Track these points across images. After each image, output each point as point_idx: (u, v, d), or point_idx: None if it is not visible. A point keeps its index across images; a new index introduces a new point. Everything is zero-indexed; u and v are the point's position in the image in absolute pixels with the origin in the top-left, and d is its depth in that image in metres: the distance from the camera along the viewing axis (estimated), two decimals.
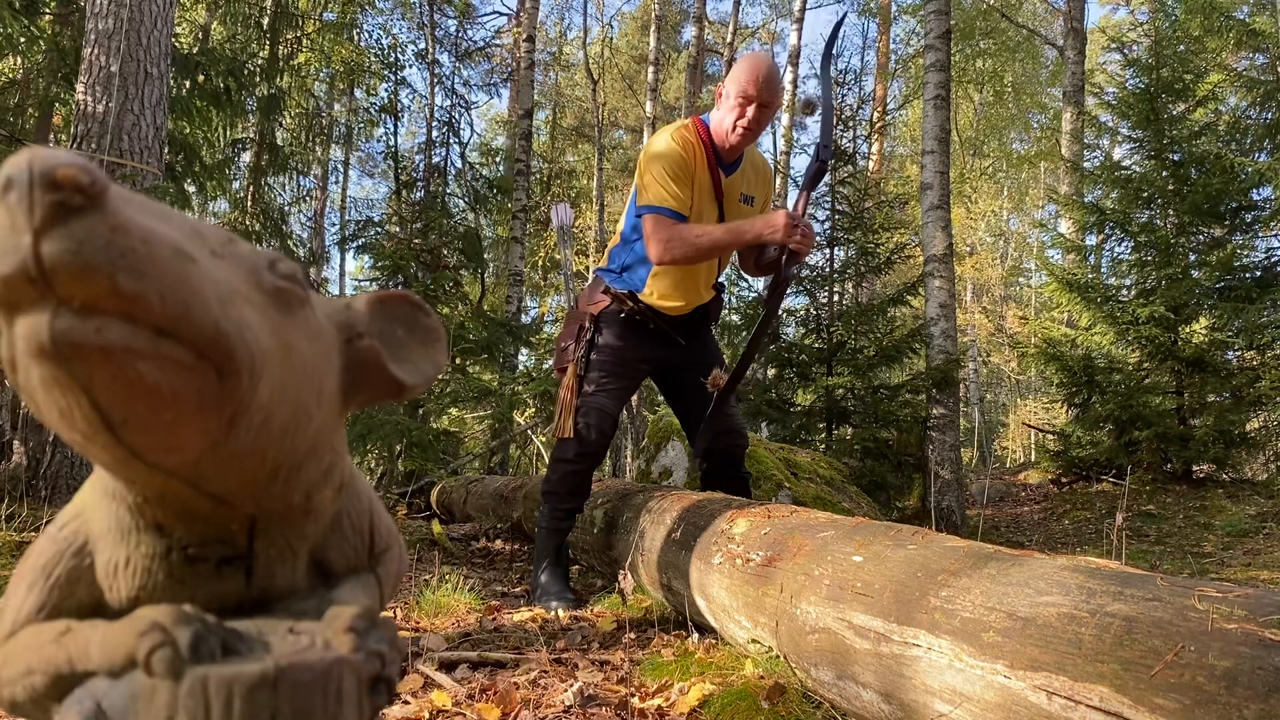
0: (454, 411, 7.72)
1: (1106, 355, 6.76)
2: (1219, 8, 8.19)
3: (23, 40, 6.16)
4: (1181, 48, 7.19)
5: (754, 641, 1.60)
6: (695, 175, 2.36)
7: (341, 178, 17.22)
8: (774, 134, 16.33)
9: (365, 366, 0.51)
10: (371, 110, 9.12)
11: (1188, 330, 6.31)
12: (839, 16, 2.47)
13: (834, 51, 2.38)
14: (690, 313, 2.53)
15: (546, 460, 2.70)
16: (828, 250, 6.75)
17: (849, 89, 7.21)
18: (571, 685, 1.46)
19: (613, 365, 2.46)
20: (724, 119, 2.33)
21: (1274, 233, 6.65)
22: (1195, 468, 6.02)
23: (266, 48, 8.46)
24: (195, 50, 7.24)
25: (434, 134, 8.12)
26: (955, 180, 14.53)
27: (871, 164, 12.01)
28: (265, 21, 8.55)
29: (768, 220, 2.25)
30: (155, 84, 4.22)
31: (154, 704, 0.39)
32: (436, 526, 3.93)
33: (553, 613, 2.21)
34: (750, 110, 2.28)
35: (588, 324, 2.49)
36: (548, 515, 2.50)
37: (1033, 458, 11.25)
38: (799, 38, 14.09)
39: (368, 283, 9.01)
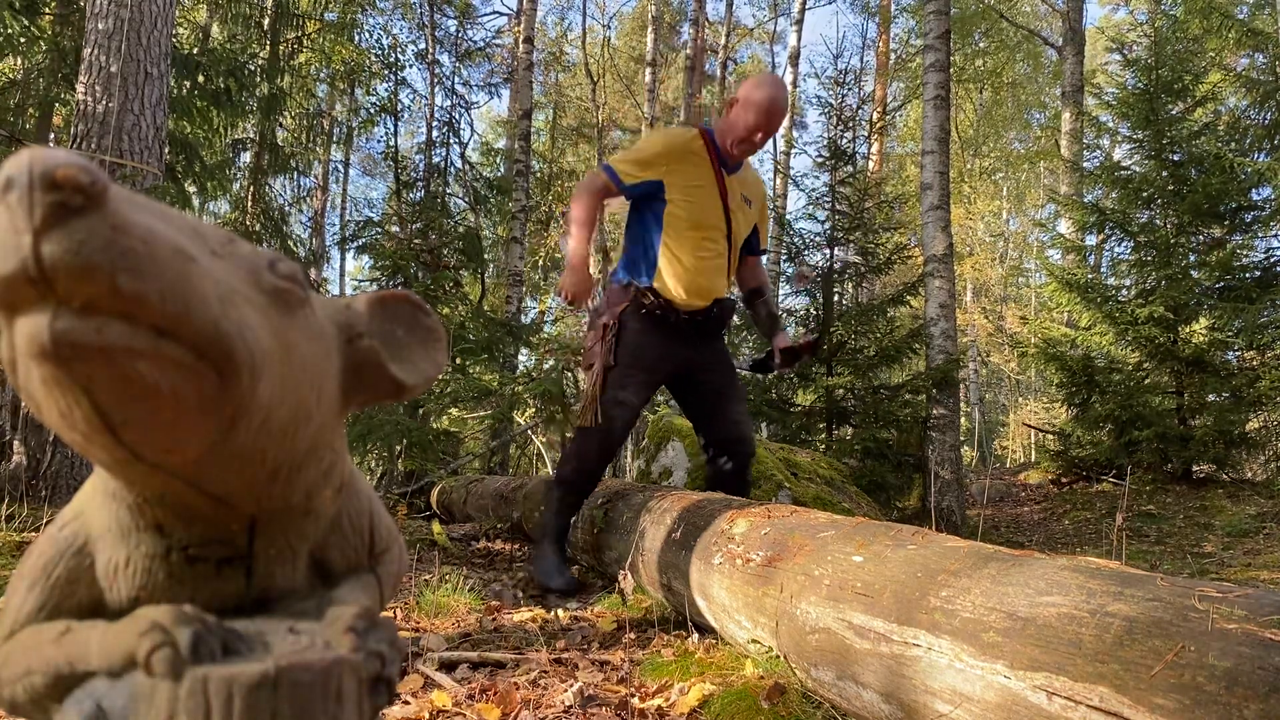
0: (454, 411, 7.72)
1: (1106, 355, 6.76)
2: (1219, 8, 8.19)
3: (23, 40, 6.15)
4: (1180, 47, 7.18)
5: (754, 641, 1.59)
6: (698, 166, 2.56)
7: (341, 178, 17.22)
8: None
9: (365, 366, 0.51)
10: (371, 110, 9.11)
11: (1188, 330, 6.31)
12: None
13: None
14: (706, 310, 2.63)
15: (547, 460, 2.84)
16: (828, 250, 6.75)
17: (849, 89, 7.20)
18: (571, 685, 1.46)
19: (636, 361, 2.56)
20: (736, 136, 2.52)
21: (1274, 233, 6.64)
22: (1195, 468, 6.02)
23: (267, 48, 8.45)
24: (195, 50, 7.24)
25: (434, 134, 8.12)
26: (954, 180, 14.53)
27: (871, 164, 12.02)
28: (265, 21, 8.55)
29: (568, 280, 2.54)
30: (155, 84, 4.22)
31: (154, 704, 0.39)
32: (436, 526, 3.93)
33: (553, 611, 2.21)
34: (758, 137, 2.52)
35: (612, 323, 2.60)
36: (556, 500, 2.60)
37: (1033, 458, 11.25)
38: (799, 39, 14.11)
39: (368, 283, 9.00)
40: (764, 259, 3.00)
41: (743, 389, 2.80)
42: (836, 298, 6.79)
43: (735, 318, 3.17)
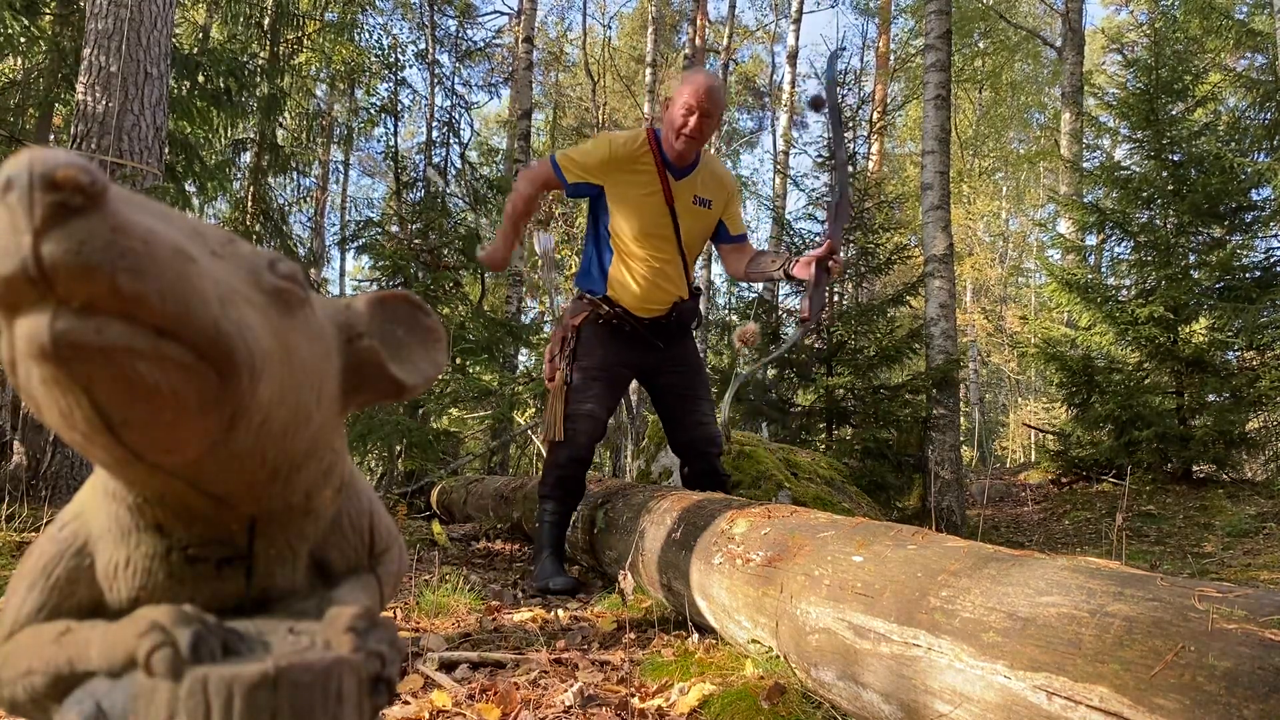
0: (454, 411, 7.72)
1: (1106, 355, 6.75)
2: (1218, 8, 8.19)
3: (23, 40, 6.15)
4: (1180, 48, 7.18)
5: (754, 642, 1.60)
6: (643, 174, 2.57)
7: (341, 178, 17.22)
8: (774, 134, 16.35)
9: (365, 367, 0.51)
10: (371, 110, 9.10)
11: (1188, 330, 6.30)
12: (832, 52, 2.65)
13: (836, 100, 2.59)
14: (664, 316, 2.68)
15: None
16: None
17: (849, 89, 7.21)
18: (571, 685, 1.46)
19: (596, 372, 2.63)
20: (670, 129, 2.52)
21: (1274, 233, 6.64)
22: (1195, 468, 6.02)
23: (267, 48, 8.45)
24: (195, 50, 7.24)
25: (434, 134, 8.12)
26: (954, 180, 14.52)
27: (871, 164, 12.01)
28: (265, 21, 8.55)
29: (490, 247, 2.70)
30: (155, 84, 4.22)
31: (154, 704, 0.39)
32: (436, 526, 3.93)
33: (553, 611, 2.21)
34: (693, 120, 2.46)
35: (570, 335, 2.68)
36: (548, 513, 2.68)
37: (1033, 458, 11.25)
38: (797, 38, 14.11)
39: (368, 283, 9.00)
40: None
41: (708, 389, 2.84)
42: (837, 298, 6.80)
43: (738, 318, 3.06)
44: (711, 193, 2.66)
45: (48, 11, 6.43)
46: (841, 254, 2.41)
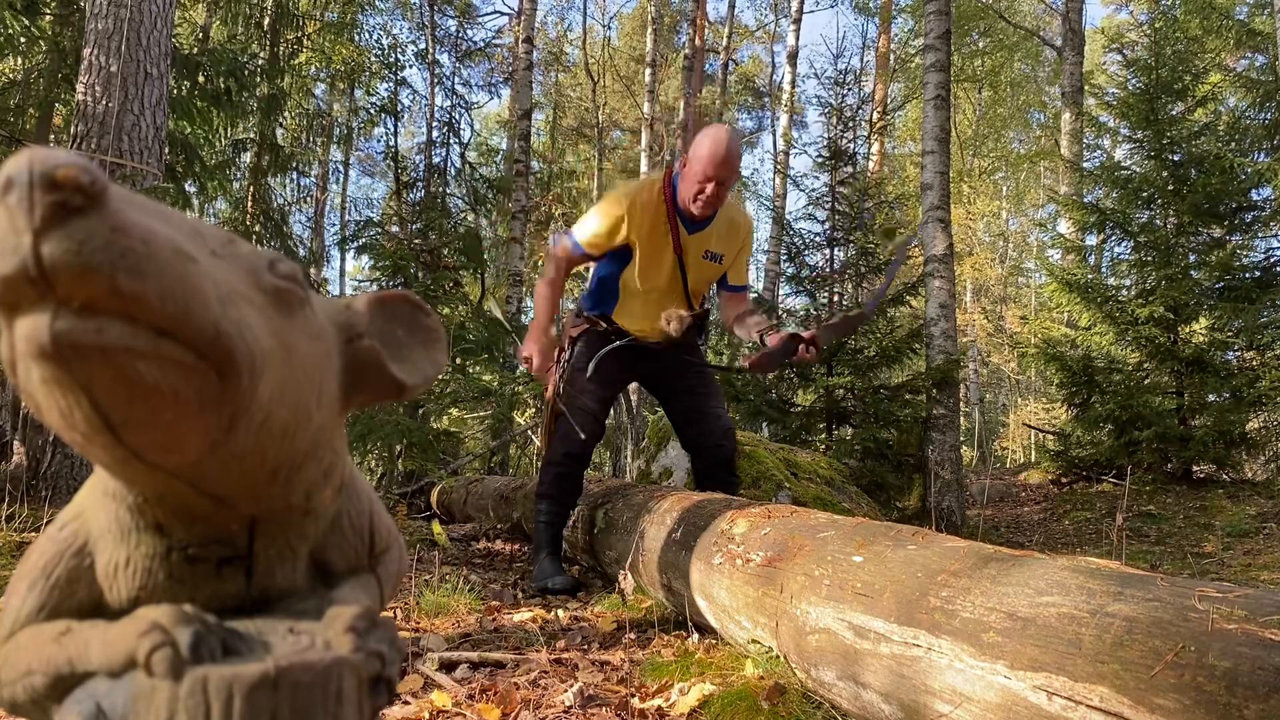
0: (454, 411, 7.71)
1: (1106, 355, 6.75)
2: (1218, 8, 8.19)
3: (23, 40, 6.16)
4: (1180, 48, 7.18)
5: (754, 642, 1.59)
6: (645, 226, 2.53)
7: (341, 178, 17.24)
8: (774, 134, 16.36)
9: (365, 367, 0.51)
10: (371, 110, 9.10)
11: (1188, 330, 6.30)
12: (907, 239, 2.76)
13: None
14: (663, 343, 2.69)
15: None
16: (827, 250, 6.75)
17: (849, 89, 7.20)
18: (571, 685, 1.46)
19: (593, 373, 2.64)
20: (687, 189, 2.50)
21: (1274, 233, 6.64)
22: (1195, 468, 6.01)
23: (267, 48, 8.46)
24: (195, 50, 7.24)
25: (434, 134, 8.12)
26: (954, 180, 14.52)
27: (871, 164, 12.01)
28: (265, 21, 8.55)
29: (532, 349, 2.58)
30: (155, 84, 4.22)
31: (154, 704, 0.39)
32: (436, 527, 3.93)
33: (553, 611, 2.21)
34: (710, 187, 2.45)
35: (568, 344, 2.72)
36: (544, 513, 2.69)
37: (1033, 458, 11.25)
38: (797, 38, 14.11)
39: (368, 283, 9.01)
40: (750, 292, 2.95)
41: (718, 386, 2.84)
42: (836, 298, 6.80)
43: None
44: (724, 246, 2.64)
45: (48, 11, 6.43)
46: (817, 351, 2.45)
